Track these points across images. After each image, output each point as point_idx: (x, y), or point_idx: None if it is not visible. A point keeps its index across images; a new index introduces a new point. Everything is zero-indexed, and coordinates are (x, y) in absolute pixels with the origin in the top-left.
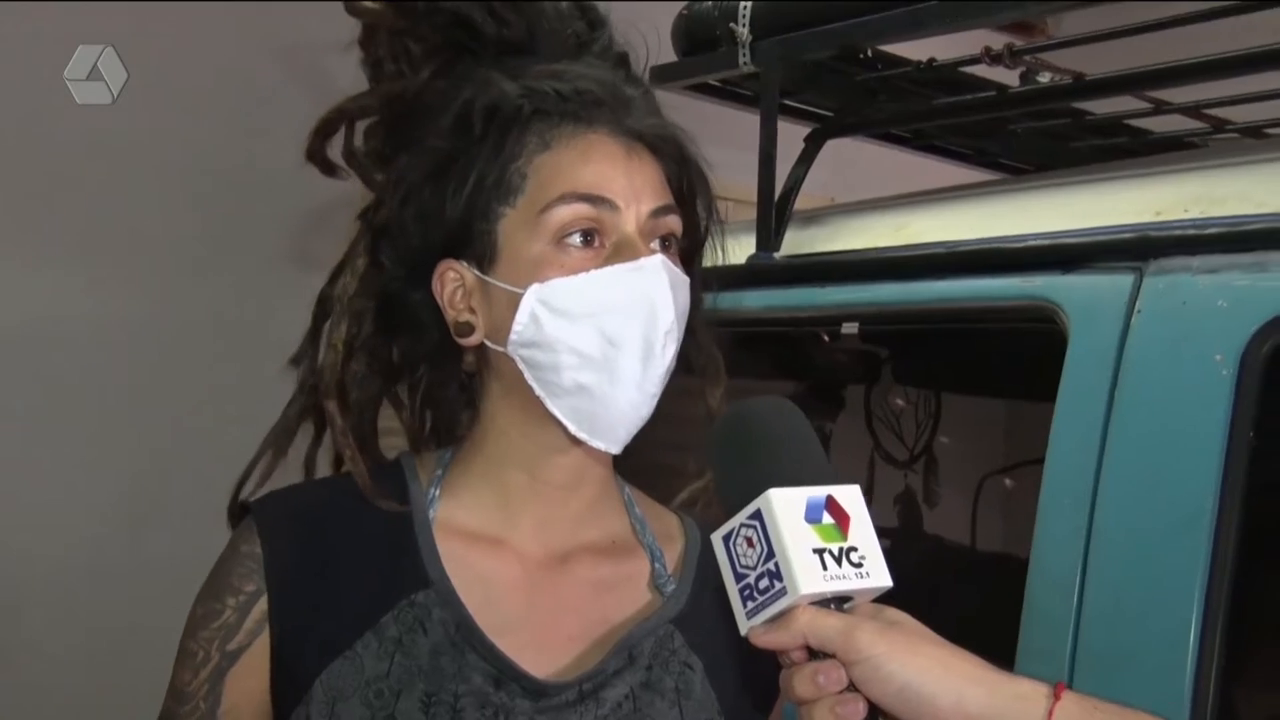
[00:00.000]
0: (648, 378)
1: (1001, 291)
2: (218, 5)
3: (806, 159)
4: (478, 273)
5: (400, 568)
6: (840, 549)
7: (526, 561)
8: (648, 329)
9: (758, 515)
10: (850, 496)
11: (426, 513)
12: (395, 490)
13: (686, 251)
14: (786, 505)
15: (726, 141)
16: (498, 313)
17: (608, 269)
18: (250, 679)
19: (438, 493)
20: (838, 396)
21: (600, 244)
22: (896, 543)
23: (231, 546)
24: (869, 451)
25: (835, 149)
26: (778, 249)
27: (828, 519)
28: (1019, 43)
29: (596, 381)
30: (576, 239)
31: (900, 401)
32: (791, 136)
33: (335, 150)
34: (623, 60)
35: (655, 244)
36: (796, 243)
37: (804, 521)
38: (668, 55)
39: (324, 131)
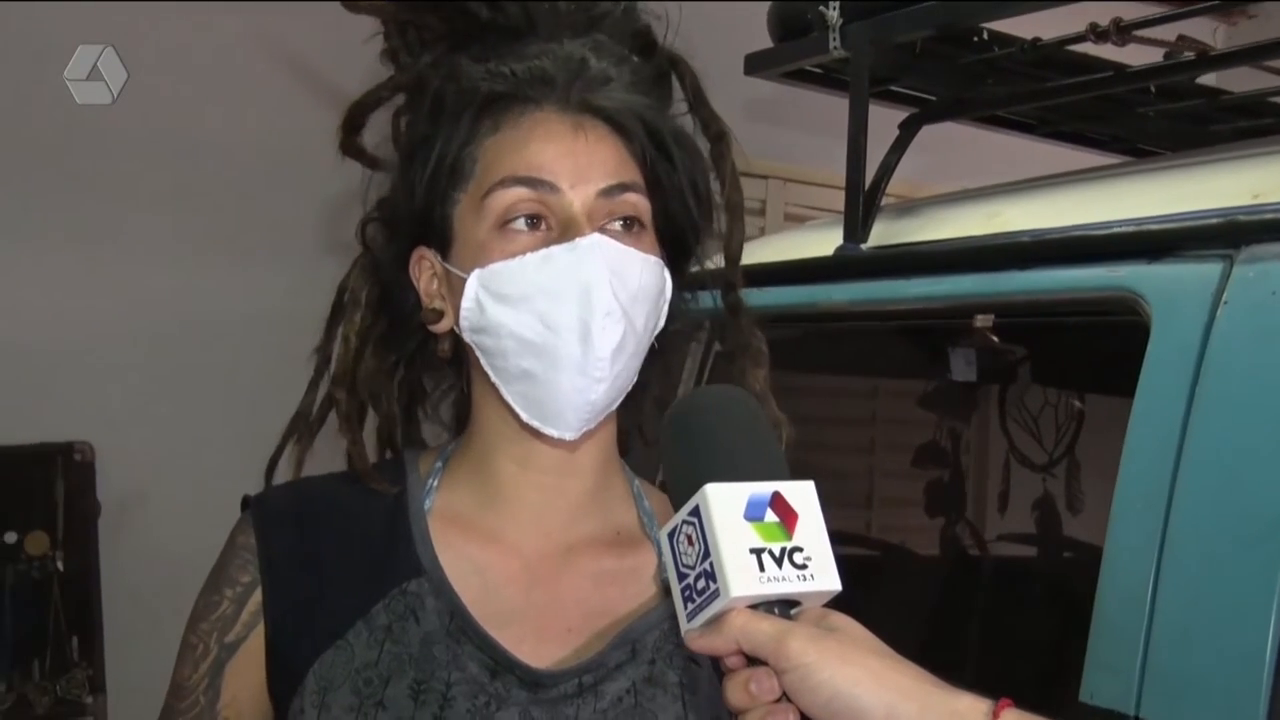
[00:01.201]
0: (590, 362)
1: (1087, 282)
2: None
3: (900, 146)
4: (440, 259)
5: (393, 557)
6: (783, 549)
7: (525, 553)
8: (582, 311)
9: (696, 512)
10: (801, 493)
11: (421, 502)
12: (394, 482)
13: (669, 232)
14: (724, 501)
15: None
16: (458, 300)
17: (541, 251)
18: (249, 671)
19: (436, 484)
20: (948, 394)
21: (547, 226)
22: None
23: (230, 539)
24: (1004, 453)
25: (946, 136)
26: (865, 240)
27: (771, 517)
28: (1125, 18)
29: (540, 367)
30: (520, 223)
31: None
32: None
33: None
34: (639, 35)
35: (617, 224)
36: (888, 234)
37: (743, 519)
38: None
39: (349, 126)
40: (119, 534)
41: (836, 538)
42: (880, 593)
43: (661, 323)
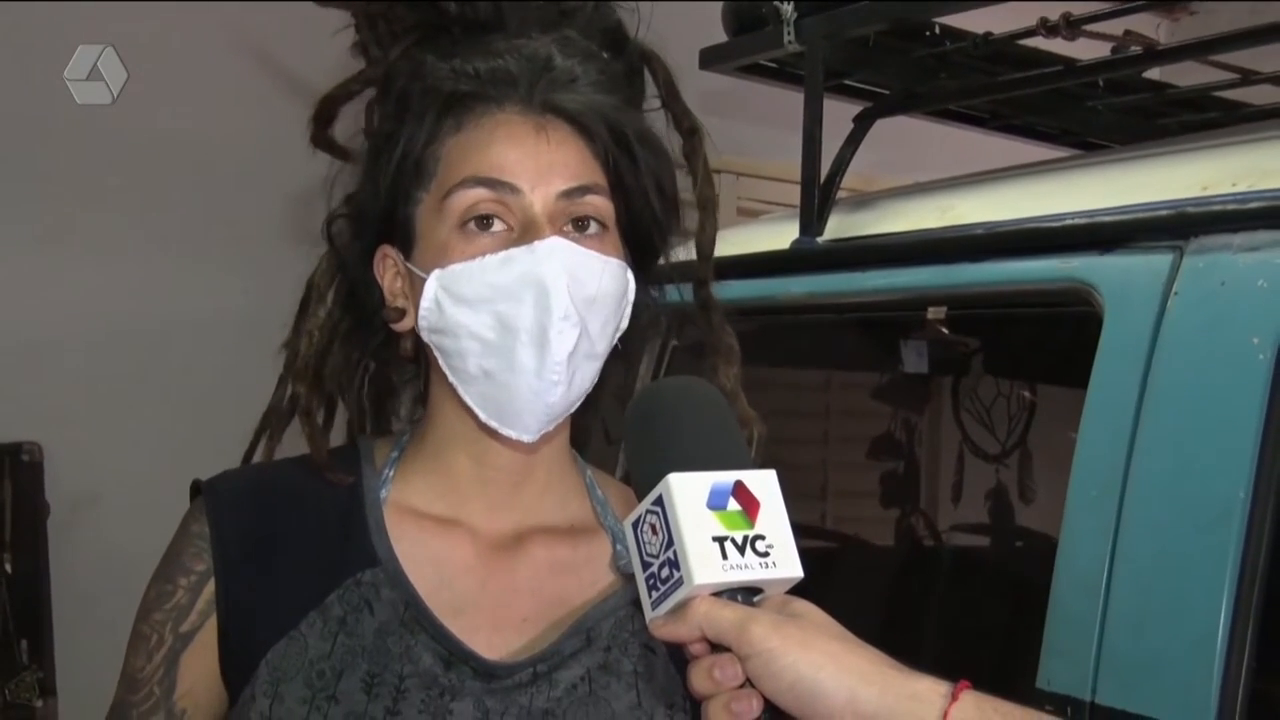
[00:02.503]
0: (546, 365)
1: (1040, 274)
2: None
3: (854, 140)
4: (403, 259)
5: (348, 547)
6: (745, 537)
7: (480, 543)
8: (539, 314)
9: (659, 501)
10: (763, 482)
11: (377, 493)
12: (348, 472)
13: (634, 233)
14: (687, 490)
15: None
16: (419, 299)
17: (500, 254)
18: (204, 660)
19: (391, 474)
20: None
21: (508, 228)
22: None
23: (182, 527)
24: (957, 444)
25: (899, 130)
26: (821, 233)
27: (734, 505)
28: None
29: (498, 369)
30: (480, 223)
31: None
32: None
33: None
34: (610, 31)
35: (578, 226)
36: (844, 227)
37: (705, 508)
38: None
39: (320, 119)
40: (69, 535)
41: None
42: (836, 584)
43: (624, 324)
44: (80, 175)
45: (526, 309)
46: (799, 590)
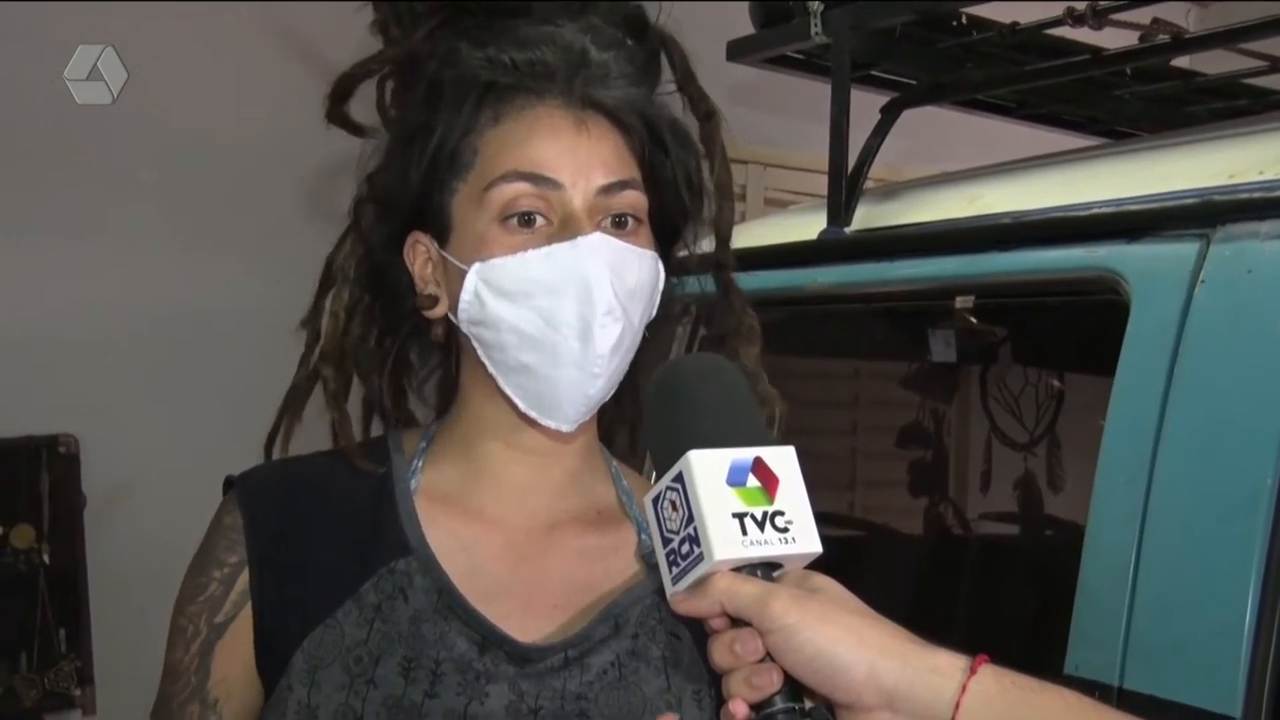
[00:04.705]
0: (589, 358)
1: (1068, 263)
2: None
3: (881, 131)
4: (437, 246)
5: (380, 536)
6: (765, 513)
7: (510, 530)
8: (583, 308)
9: (679, 478)
10: (782, 458)
11: (408, 482)
12: (379, 463)
13: (663, 223)
14: (707, 467)
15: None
16: (454, 288)
17: (543, 249)
18: (239, 650)
19: (421, 464)
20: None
21: (547, 222)
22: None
23: (215, 520)
24: (986, 433)
25: (926, 120)
26: (849, 223)
27: (753, 482)
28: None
29: (539, 361)
30: (520, 218)
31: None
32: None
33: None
34: (631, 19)
35: (614, 221)
36: (871, 217)
37: (725, 484)
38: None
39: (337, 95)
40: (104, 526)
41: (819, 520)
42: (865, 573)
43: (654, 313)
44: (111, 171)
45: (569, 303)
46: (818, 567)
